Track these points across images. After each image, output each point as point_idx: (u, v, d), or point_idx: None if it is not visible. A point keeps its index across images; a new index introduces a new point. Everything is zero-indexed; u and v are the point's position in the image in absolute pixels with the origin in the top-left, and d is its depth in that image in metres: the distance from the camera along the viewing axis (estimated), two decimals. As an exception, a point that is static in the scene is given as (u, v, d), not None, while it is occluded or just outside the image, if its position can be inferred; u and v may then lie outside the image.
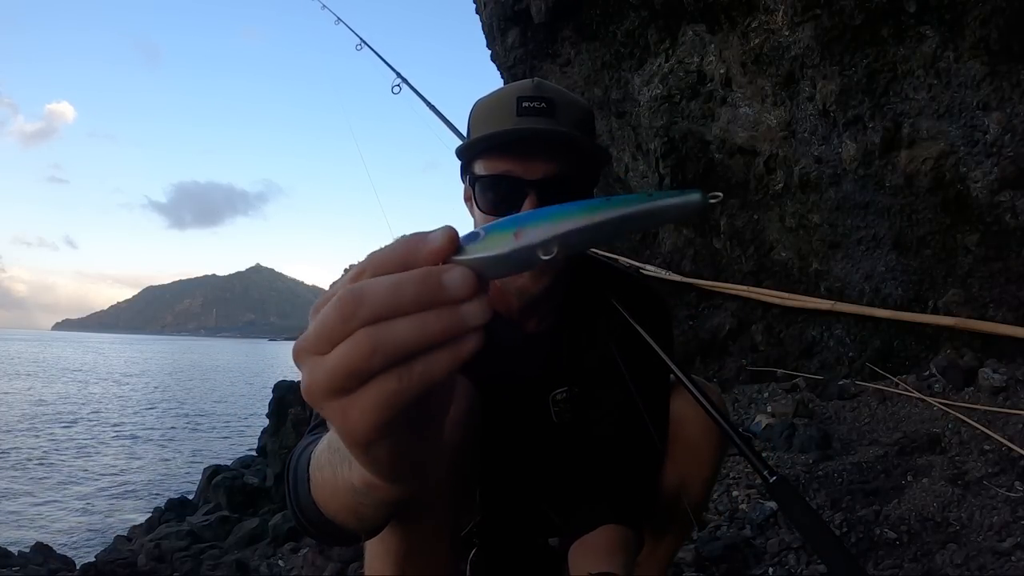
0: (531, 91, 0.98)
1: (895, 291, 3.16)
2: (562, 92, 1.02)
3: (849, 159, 2.97)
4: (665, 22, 3.65)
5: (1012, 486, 1.82)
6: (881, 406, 2.75)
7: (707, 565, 1.78)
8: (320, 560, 2.52)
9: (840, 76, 2.82)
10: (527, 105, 0.96)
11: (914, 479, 2.02)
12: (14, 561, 4.21)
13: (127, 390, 27.04)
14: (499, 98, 1.00)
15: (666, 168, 3.81)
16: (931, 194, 2.79)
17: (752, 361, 3.76)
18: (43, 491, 9.18)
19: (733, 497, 2.15)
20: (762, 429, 2.70)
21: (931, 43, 2.53)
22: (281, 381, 7.54)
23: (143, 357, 61.78)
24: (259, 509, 4.66)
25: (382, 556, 0.88)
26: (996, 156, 2.54)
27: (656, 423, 1.07)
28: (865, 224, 3.14)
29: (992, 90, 2.45)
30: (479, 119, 1.02)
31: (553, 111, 0.97)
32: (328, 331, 0.33)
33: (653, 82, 3.86)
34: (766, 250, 3.72)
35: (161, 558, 3.84)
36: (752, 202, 3.64)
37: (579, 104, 1.04)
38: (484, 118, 1.00)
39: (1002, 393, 2.44)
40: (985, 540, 1.62)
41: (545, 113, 0.96)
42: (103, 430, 15.26)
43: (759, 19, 3.03)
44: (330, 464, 0.58)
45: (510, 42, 4.70)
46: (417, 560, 0.86)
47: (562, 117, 0.97)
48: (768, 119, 3.29)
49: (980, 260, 2.79)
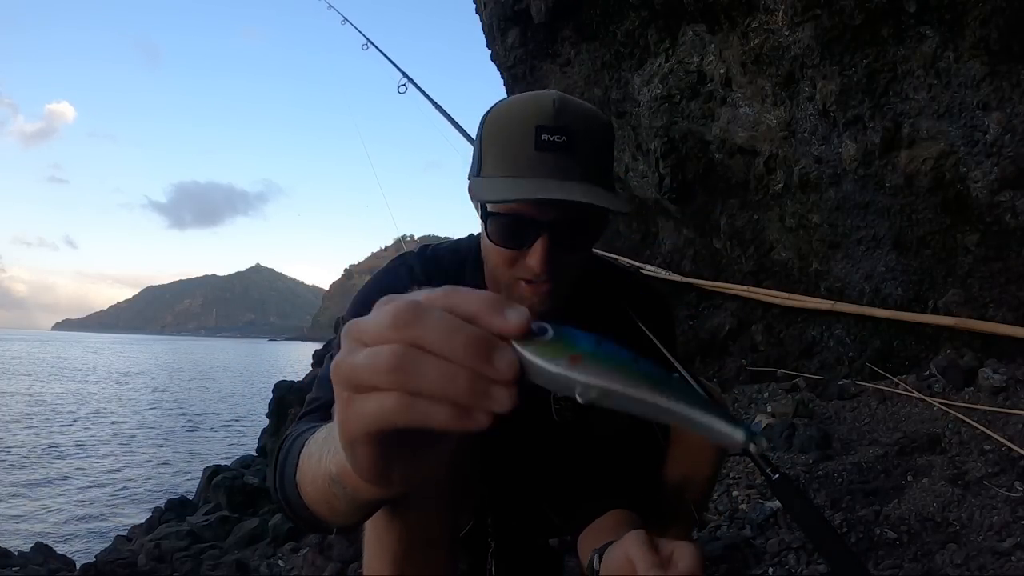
0: (551, 119, 0.89)
1: (895, 291, 3.16)
2: (584, 115, 0.94)
3: (849, 159, 2.97)
4: (665, 22, 3.65)
5: (1012, 486, 1.82)
6: (881, 406, 2.75)
7: (707, 565, 1.78)
8: (320, 560, 2.52)
9: (840, 76, 2.82)
10: (546, 139, 0.89)
11: (914, 479, 2.02)
12: (14, 561, 4.21)
13: (127, 390, 27.04)
14: (516, 121, 0.92)
15: (666, 168, 3.81)
16: (931, 194, 2.79)
17: (752, 361, 3.76)
18: (43, 491, 9.19)
19: (733, 497, 2.14)
20: (762, 429, 2.70)
21: (931, 43, 2.53)
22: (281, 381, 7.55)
23: (143, 357, 61.77)
24: (259, 509, 4.66)
25: (381, 556, 0.89)
26: (996, 156, 2.53)
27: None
28: (865, 224, 3.14)
29: (992, 90, 2.45)
30: (493, 141, 0.94)
31: (573, 145, 0.90)
32: (376, 328, 0.35)
33: (653, 82, 3.86)
34: (766, 250, 3.72)
35: (161, 558, 3.84)
36: (752, 202, 3.64)
37: (599, 128, 0.97)
38: (498, 143, 0.93)
39: (1002, 393, 2.44)
40: (985, 540, 1.62)
41: (564, 148, 0.89)
42: (103, 429, 15.26)
43: (759, 19, 3.03)
44: (319, 450, 0.60)
45: (510, 42, 4.70)
46: (416, 560, 0.86)
47: (582, 150, 0.91)
48: (768, 119, 3.29)
49: (980, 260, 2.79)
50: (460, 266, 1.07)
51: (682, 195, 3.87)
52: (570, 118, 0.91)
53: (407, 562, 0.87)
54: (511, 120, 0.93)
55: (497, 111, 0.96)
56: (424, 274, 1.04)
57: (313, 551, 2.61)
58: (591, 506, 1.04)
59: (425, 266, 1.05)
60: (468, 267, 1.06)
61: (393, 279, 1.05)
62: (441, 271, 1.05)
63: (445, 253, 1.09)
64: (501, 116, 0.95)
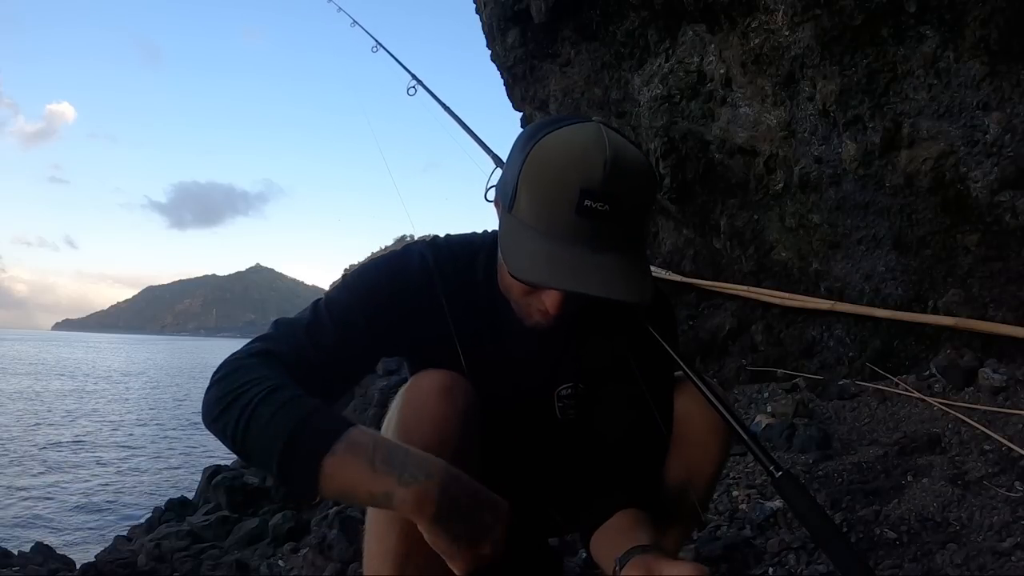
0: (599, 184, 0.82)
1: (895, 291, 3.16)
2: (634, 175, 0.86)
3: (849, 159, 2.97)
4: (665, 22, 3.65)
5: (1012, 486, 1.82)
6: (881, 406, 2.75)
7: (707, 565, 1.78)
8: (320, 560, 2.52)
9: (840, 76, 2.82)
10: (589, 204, 0.82)
11: (914, 479, 2.02)
12: (14, 561, 4.20)
13: (126, 389, 27.03)
14: (561, 172, 0.84)
15: (666, 168, 3.81)
16: (931, 194, 2.79)
17: (752, 361, 3.76)
18: (43, 490, 9.18)
19: (733, 497, 2.14)
20: (762, 429, 2.70)
21: (931, 43, 2.53)
22: (281, 381, 7.52)
23: (143, 357, 61.70)
24: (259, 509, 4.66)
25: (382, 556, 0.88)
26: (996, 156, 2.53)
27: (663, 419, 1.07)
28: (865, 224, 3.14)
29: (992, 90, 2.45)
30: (531, 185, 0.86)
31: (618, 213, 0.84)
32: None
33: (653, 82, 3.86)
34: (766, 250, 3.72)
35: (161, 558, 3.84)
36: (752, 202, 3.64)
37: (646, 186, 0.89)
38: (538, 193, 0.85)
39: (1002, 393, 2.44)
40: (985, 540, 1.62)
41: (608, 218, 0.83)
42: (102, 429, 15.26)
43: (759, 19, 3.03)
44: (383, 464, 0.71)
45: (510, 42, 4.70)
46: (417, 560, 0.86)
47: (626, 216, 0.85)
48: (768, 119, 3.28)
49: (980, 260, 2.79)
50: (472, 260, 1.05)
51: (682, 195, 3.87)
52: (618, 184, 0.83)
53: (407, 562, 0.87)
54: (555, 171, 0.85)
55: (543, 152, 0.86)
56: (437, 265, 1.01)
57: (313, 551, 2.61)
58: (597, 504, 1.03)
59: (438, 256, 1.02)
60: (480, 263, 1.04)
61: (404, 267, 1.01)
62: (454, 264, 1.03)
63: (458, 246, 1.06)
64: (545, 162, 0.86)
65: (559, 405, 1.08)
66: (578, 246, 0.84)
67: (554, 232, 0.84)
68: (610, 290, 0.84)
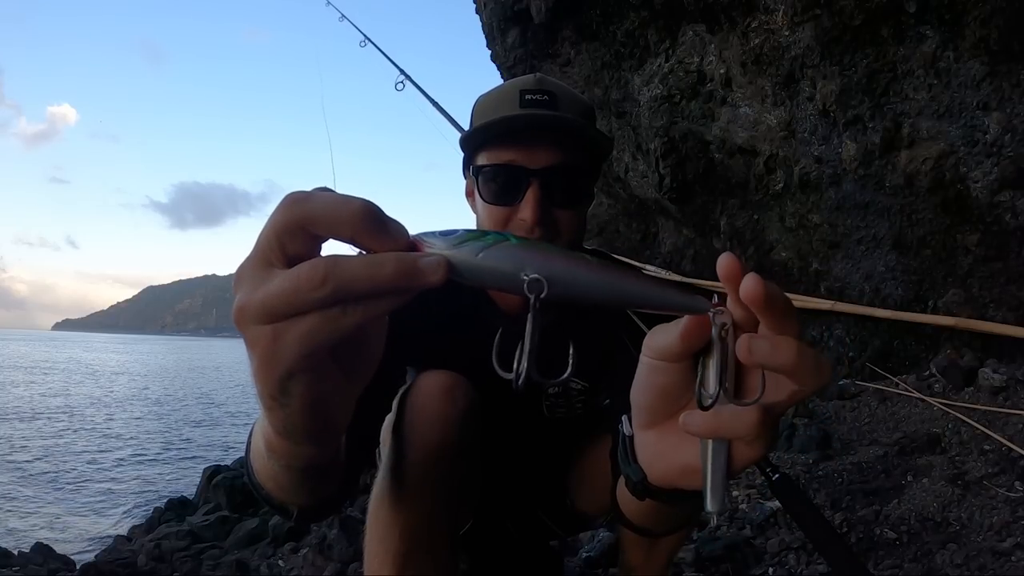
0: (533, 84, 1.00)
1: (895, 291, 3.16)
2: (563, 87, 1.03)
3: (849, 159, 2.97)
4: (665, 22, 3.65)
5: (1012, 486, 1.82)
6: (881, 406, 2.75)
7: (707, 565, 1.78)
8: (320, 560, 2.52)
9: (840, 76, 2.82)
10: (529, 97, 0.97)
11: (914, 479, 2.02)
12: (14, 561, 4.20)
13: (126, 389, 27.05)
14: (501, 92, 1.02)
15: (666, 168, 3.81)
16: (931, 194, 2.79)
17: (752, 361, 3.76)
18: (42, 490, 9.18)
19: (733, 497, 2.14)
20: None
21: (931, 43, 2.53)
22: (281, 381, 7.53)
23: (143, 356, 61.77)
24: (259, 509, 4.65)
25: (382, 556, 0.88)
26: (996, 156, 2.53)
27: None
28: (865, 224, 3.14)
29: (992, 90, 2.45)
30: (481, 113, 1.03)
31: (555, 104, 0.98)
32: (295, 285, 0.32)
33: (653, 82, 3.86)
34: (766, 250, 3.72)
35: (161, 558, 3.84)
36: (752, 202, 3.64)
37: (581, 99, 1.06)
38: (487, 111, 1.02)
39: (1002, 393, 2.44)
40: (985, 540, 1.62)
41: (547, 105, 0.98)
42: (102, 428, 15.26)
43: (759, 19, 3.03)
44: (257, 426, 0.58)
45: (510, 42, 4.70)
46: (417, 560, 0.86)
47: (564, 110, 0.99)
48: (768, 119, 3.28)
49: (980, 260, 2.79)
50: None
51: (682, 195, 3.87)
52: (552, 85, 1.01)
53: (408, 562, 0.86)
54: (496, 93, 1.03)
55: (484, 94, 1.06)
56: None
57: (313, 551, 2.61)
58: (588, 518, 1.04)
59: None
60: None
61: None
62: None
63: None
64: (487, 95, 1.05)
65: (546, 403, 1.09)
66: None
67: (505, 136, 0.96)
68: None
